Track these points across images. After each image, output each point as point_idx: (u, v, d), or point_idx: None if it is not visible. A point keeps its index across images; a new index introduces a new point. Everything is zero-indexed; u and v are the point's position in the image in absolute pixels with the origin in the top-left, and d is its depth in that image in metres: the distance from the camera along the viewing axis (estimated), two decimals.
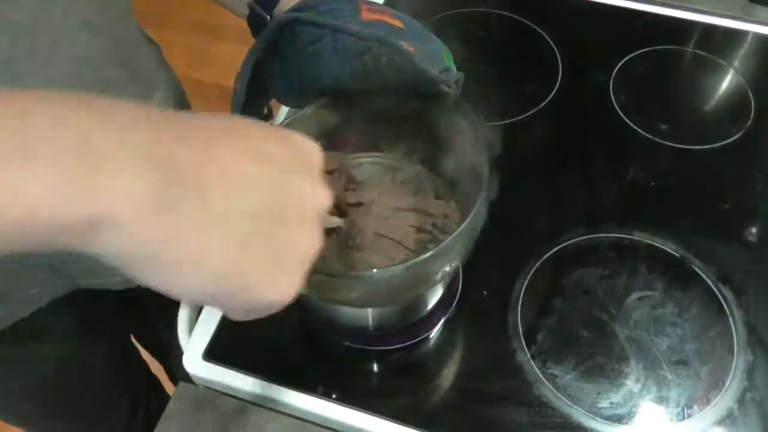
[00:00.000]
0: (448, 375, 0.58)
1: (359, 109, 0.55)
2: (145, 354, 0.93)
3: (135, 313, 0.82)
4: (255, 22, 0.56)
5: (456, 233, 0.44)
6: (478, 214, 0.46)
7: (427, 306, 0.58)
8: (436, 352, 0.59)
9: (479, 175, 0.49)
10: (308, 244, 0.31)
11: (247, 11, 0.56)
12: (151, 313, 0.83)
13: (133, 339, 0.88)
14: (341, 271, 0.50)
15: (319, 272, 0.44)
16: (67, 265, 0.58)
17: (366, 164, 0.58)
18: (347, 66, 0.50)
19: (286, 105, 0.67)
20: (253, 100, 0.53)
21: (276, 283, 0.30)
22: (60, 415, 0.78)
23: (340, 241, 0.53)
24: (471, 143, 0.51)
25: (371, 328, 0.58)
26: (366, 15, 0.51)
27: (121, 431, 0.84)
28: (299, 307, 0.61)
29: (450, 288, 0.61)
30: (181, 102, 0.72)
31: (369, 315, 0.56)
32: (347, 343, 0.59)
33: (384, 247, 0.53)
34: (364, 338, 0.59)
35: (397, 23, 0.52)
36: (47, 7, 0.46)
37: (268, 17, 0.55)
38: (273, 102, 0.58)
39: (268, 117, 0.58)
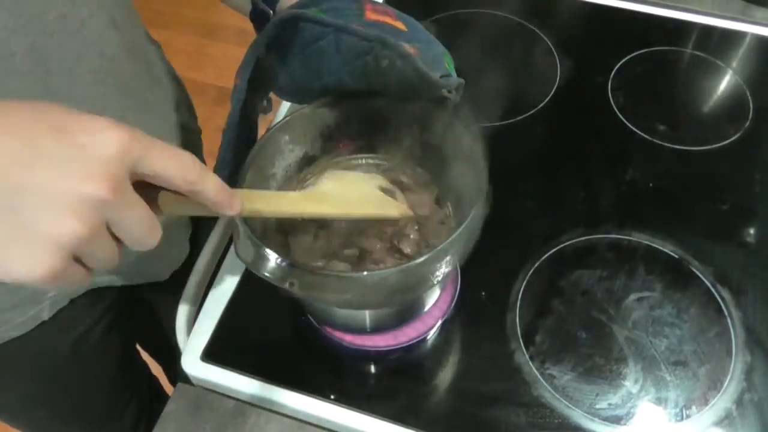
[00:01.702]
0: (446, 376, 0.58)
1: (358, 110, 0.55)
2: (145, 356, 0.92)
3: (142, 314, 0.82)
4: (258, 18, 0.56)
5: (450, 239, 0.44)
6: (474, 219, 0.45)
7: (425, 307, 0.58)
8: (434, 353, 0.59)
9: (476, 179, 0.49)
10: (55, 227, 0.30)
11: (250, 7, 0.56)
12: (157, 313, 0.83)
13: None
14: (333, 272, 0.50)
15: (312, 272, 0.44)
16: None
17: (363, 165, 0.58)
18: (349, 65, 0.50)
19: (287, 101, 0.67)
20: (253, 96, 0.53)
21: (14, 259, 0.29)
22: (70, 422, 0.78)
23: (334, 242, 0.53)
24: (469, 148, 0.51)
25: (369, 329, 0.58)
26: (370, 15, 0.51)
27: None
28: (298, 308, 0.61)
29: (448, 289, 0.61)
30: (185, 99, 0.72)
31: (367, 316, 0.56)
32: (345, 344, 0.59)
33: (378, 249, 0.53)
34: (362, 339, 0.59)
35: (400, 25, 0.52)
36: (76, 5, 0.47)
37: (271, 12, 0.55)
38: (273, 96, 0.58)
39: (267, 110, 0.58)
